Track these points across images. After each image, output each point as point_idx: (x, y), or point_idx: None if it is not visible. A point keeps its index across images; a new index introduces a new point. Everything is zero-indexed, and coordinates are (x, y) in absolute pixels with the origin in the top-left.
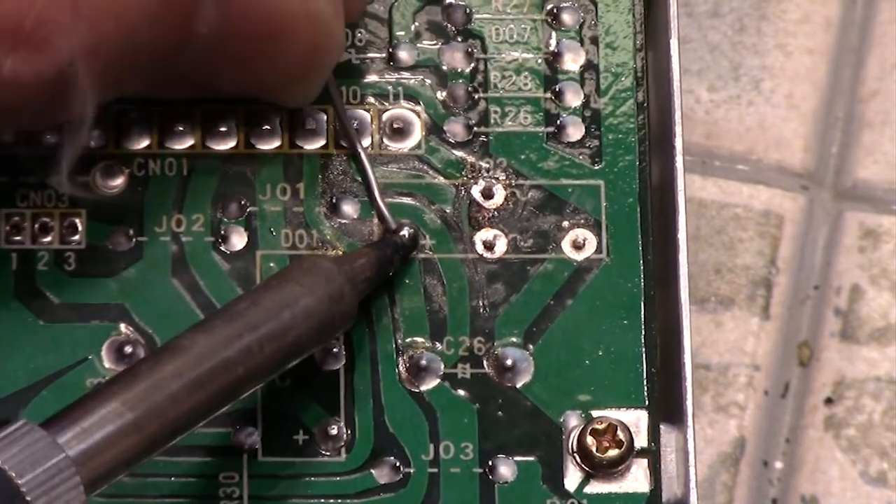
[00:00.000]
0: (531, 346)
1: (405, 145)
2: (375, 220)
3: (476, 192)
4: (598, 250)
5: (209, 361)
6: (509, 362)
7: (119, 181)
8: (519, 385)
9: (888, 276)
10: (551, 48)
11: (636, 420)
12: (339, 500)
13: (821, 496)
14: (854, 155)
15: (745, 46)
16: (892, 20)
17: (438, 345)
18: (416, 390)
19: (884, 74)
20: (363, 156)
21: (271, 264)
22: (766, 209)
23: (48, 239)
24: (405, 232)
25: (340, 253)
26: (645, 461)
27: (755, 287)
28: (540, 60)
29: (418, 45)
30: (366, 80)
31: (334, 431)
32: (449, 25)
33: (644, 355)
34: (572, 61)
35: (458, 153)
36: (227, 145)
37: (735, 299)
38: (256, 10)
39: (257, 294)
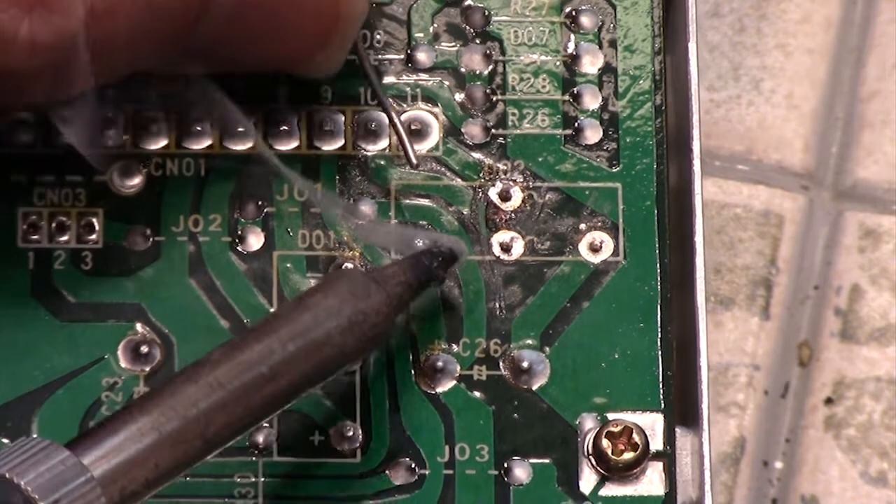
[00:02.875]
0: (547, 349)
1: (423, 147)
2: (393, 221)
3: (493, 194)
4: (615, 253)
5: (239, 376)
6: (525, 364)
7: (137, 181)
8: (535, 387)
9: (888, 276)
10: (570, 51)
11: (652, 423)
12: (354, 502)
13: (821, 496)
14: (854, 155)
15: (745, 46)
16: (892, 20)
17: (455, 346)
18: (432, 392)
19: (884, 74)
20: (390, 107)
21: (288, 265)
22: (766, 209)
23: (65, 238)
24: (447, 242)
25: (357, 254)
26: (660, 464)
27: (755, 287)
28: (558, 63)
29: (437, 46)
30: (384, 82)
31: (350, 432)
32: (467, 27)
33: (660, 358)
34: (590, 64)
35: (476, 155)
36: (244, 146)
37: (735, 299)
38: None
39: (281, 307)
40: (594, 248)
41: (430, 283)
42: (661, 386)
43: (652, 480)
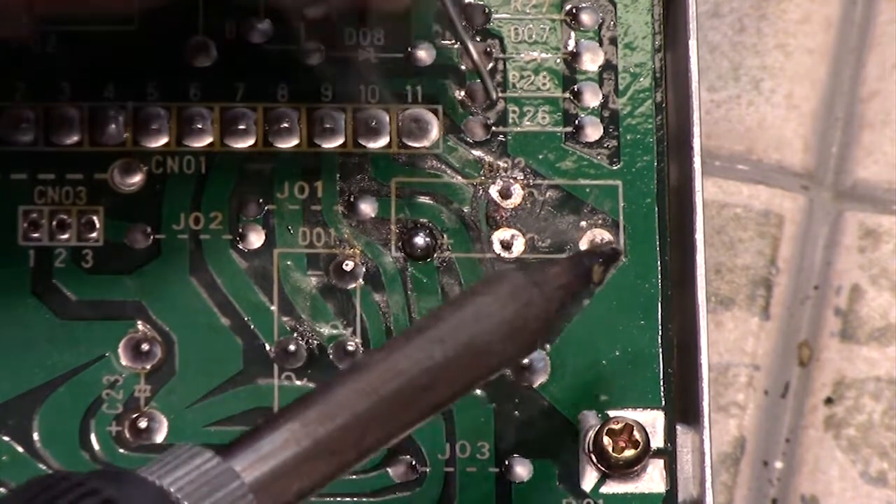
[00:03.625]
0: (548, 346)
1: (423, 144)
2: (393, 218)
3: (494, 191)
4: None
5: (397, 383)
6: (526, 362)
7: (137, 179)
8: (536, 385)
9: (888, 276)
10: (570, 48)
11: (652, 420)
12: (355, 499)
13: (821, 496)
14: (854, 155)
15: (745, 46)
16: (892, 20)
17: None
18: None
19: (884, 74)
20: (467, 40)
21: (289, 262)
22: (766, 209)
23: (66, 236)
24: (605, 245)
25: (358, 252)
26: (661, 461)
27: (755, 287)
28: (559, 60)
29: (437, 44)
30: (385, 80)
31: None
32: (468, 25)
33: (661, 356)
34: (591, 61)
35: (477, 153)
36: (245, 143)
37: (735, 299)
38: None
39: (442, 309)
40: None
41: (589, 285)
42: (661, 383)
43: (653, 478)
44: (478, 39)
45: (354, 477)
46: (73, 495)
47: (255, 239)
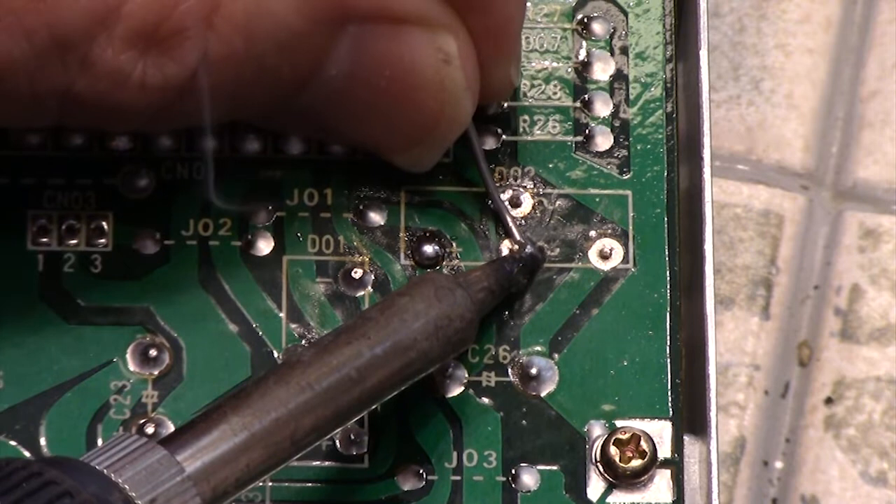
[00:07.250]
0: (556, 355)
1: None
2: (402, 227)
3: (504, 200)
4: (625, 260)
5: (328, 379)
6: (534, 371)
7: (146, 184)
8: (543, 394)
9: (888, 276)
10: (581, 58)
11: (660, 430)
12: None
13: (821, 496)
14: (854, 155)
15: (745, 46)
16: (892, 20)
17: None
18: (441, 397)
19: (884, 74)
20: (498, 200)
21: (298, 269)
22: (766, 209)
23: (74, 241)
24: (528, 248)
25: (367, 259)
26: (668, 472)
27: (755, 287)
28: (569, 70)
29: None
30: None
31: (357, 437)
32: None
33: (669, 366)
34: (602, 71)
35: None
36: (255, 149)
37: (735, 299)
38: (390, 67)
39: (370, 309)
40: (604, 256)
41: (511, 289)
42: (669, 394)
43: (660, 488)
44: None
45: (361, 485)
46: (31, 485)
47: (265, 245)
